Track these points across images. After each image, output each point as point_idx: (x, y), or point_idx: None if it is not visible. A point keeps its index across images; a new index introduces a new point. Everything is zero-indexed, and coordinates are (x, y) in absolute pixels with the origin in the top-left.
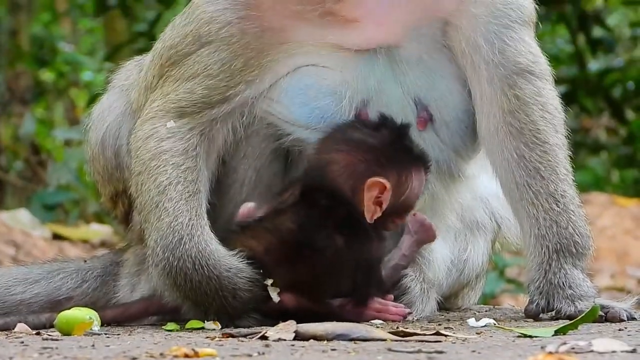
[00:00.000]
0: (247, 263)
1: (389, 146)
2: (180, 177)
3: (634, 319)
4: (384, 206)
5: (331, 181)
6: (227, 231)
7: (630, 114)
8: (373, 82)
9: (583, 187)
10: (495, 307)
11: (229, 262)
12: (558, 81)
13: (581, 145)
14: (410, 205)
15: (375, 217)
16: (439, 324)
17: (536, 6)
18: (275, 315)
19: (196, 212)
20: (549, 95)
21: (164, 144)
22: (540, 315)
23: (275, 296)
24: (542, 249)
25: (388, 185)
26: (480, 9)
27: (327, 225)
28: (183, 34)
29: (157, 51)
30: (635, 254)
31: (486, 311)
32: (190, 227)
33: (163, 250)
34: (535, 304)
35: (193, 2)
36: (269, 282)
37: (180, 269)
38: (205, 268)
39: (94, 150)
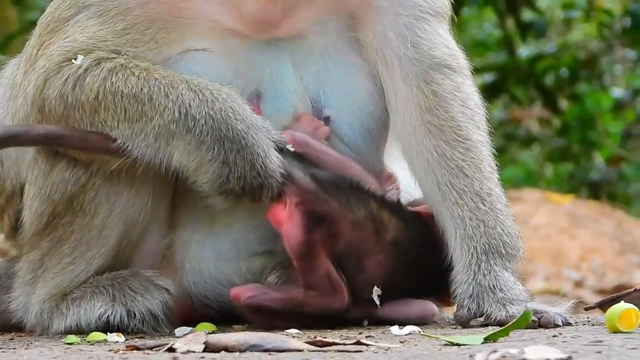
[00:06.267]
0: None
1: None
2: (146, 70)
3: (569, 324)
4: None
5: None
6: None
7: (563, 104)
8: (268, 73)
9: (515, 183)
10: None
11: (262, 121)
12: (486, 69)
13: (512, 137)
14: None
15: None
16: (360, 332)
17: None
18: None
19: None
20: (469, 91)
21: (96, 71)
22: (471, 322)
23: (377, 299)
24: (469, 250)
25: None
26: (385, 1)
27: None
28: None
29: (38, 24)
30: (571, 255)
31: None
32: (210, 84)
33: (199, 110)
34: (466, 309)
35: None
36: (378, 291)
37: (224, 119)
38: (247, 119)
39: None
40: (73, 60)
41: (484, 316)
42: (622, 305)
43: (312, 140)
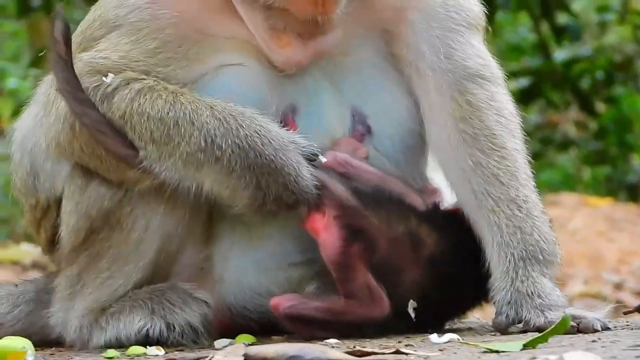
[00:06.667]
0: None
1: None
2: (173, 94)
3: (608, 329)
4: None
5: None
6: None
7: (600, 106)
8: (304, 88)
9: (552, 187)
10: (459, 320)
11: (289, 136)
12: (521, 73)
13: (549, 141)
14: None
15: None
16: (399, 342)
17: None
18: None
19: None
20: (503, 100)
21: (125, 91)
22: (510, 328)
23: (412, 312)
24: (506, 257)
25: None
26: (417, 14)
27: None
28: (92, 18)
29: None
30: (609, 258)
31: (449, 325)
32: (233, 110)
33: (225, 139)
34: (504, 315)
35: None
36: (414, 304)
37: (250, 145)
38: (273, 141)
39: (15, 163)
40: (104, 78)
41: (523, 322)
42: None
43: (353, 159)
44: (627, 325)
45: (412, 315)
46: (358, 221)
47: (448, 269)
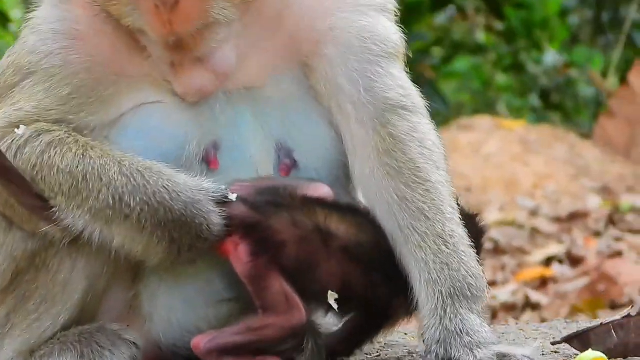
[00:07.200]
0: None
1: None
2: (83, 148)
3: None
4: None
5: None
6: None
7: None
8: (226, 123)
9: (468, 112)
10: (387, 338)
11: (198, 184)
12: None
13: (460, 46)
14: None
15: None
16: None
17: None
18: None
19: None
20: (426, 130)
21: (35, 143)
22: None
23: (334, 304)
24: (434, 294)
25: None
26: (333, 49)
27: None
28: (6, 64)
29: None
30: (524, 182)
31: (378, 353)
32: (141, 165)
33: (133, 197)
34: (434, 354)
35: (21, 33)
36: (334, 295)
37: (159, 202)
38: (182, 194)
39: None
40: (16, 130)
41: None
42: (589, 354)
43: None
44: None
45: (335, 306)
46: (262, 233)
47: (364, 258)
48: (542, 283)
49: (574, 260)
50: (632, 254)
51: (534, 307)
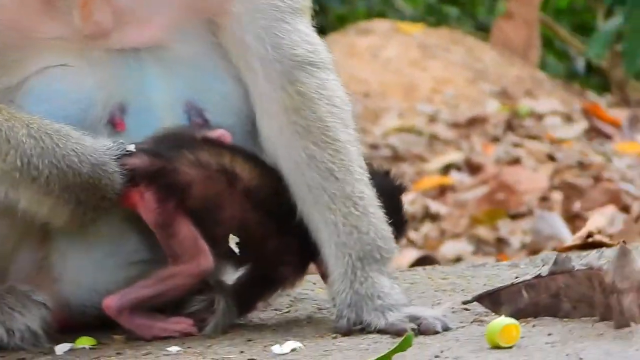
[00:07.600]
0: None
1: None
2: None
3: (449, 328)
4: None
5: None
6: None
7: None
8: (132, 85)
9: (365, 15)
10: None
11: (103, 145)
12: None
13: None
14: None
15: None
16: (241, 352)
17: None
18: None
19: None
20: (334, 87)
21: None
22: (352, 330)
23: (235, 247)
24: (344, 257)
25: None
26: (240, 6)
27: None
28: None
29: None
30: (423, 87)
31: (288, 335)
32: (49, 128)
33: (41, 159)
34: (345, 319)
35: None
36: (235, 239)
37: (68, 165)
38: (90, 156)
39: None
40: None
41: (364, 324)
42: (502, 320)
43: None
44: (471, 323)
45: (236, 250)
46: (167, 178)
47: (264, 203)
48: (441, 192)
49: (473, 168)
50: (530, 160)
51: (434, 217)
